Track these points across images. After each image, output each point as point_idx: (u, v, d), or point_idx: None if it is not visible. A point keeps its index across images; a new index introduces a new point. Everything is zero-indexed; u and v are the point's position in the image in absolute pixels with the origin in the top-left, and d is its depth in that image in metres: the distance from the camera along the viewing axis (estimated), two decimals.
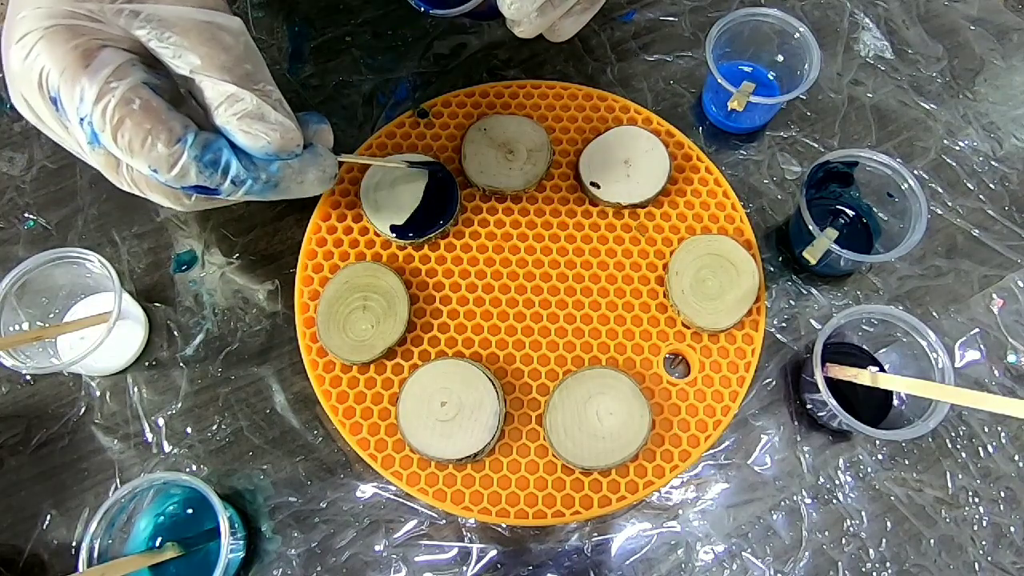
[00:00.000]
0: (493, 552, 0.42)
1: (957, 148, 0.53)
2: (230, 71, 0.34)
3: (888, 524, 0.42)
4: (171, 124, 0.33)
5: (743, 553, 0.42)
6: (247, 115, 0.34)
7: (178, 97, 0.35)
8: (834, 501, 0.43)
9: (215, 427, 0.44)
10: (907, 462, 0.44)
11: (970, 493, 0.43)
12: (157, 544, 0.40)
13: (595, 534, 0.42)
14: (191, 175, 0.34)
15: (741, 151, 0.52)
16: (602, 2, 0.43)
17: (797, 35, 0.49)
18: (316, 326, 0.44)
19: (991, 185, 0.51)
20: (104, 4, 0.32)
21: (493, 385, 0.42)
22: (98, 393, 0.45)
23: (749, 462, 0.44)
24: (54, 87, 0.32)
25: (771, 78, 0.52)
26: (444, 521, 0.42)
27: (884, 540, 0.42)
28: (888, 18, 0.57)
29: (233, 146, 0.35)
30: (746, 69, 0.53)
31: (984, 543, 0.42)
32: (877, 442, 0.44)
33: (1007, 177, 0.52)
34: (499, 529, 0.42)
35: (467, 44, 0.55)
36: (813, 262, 0.44)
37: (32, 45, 0.32)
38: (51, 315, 0.45)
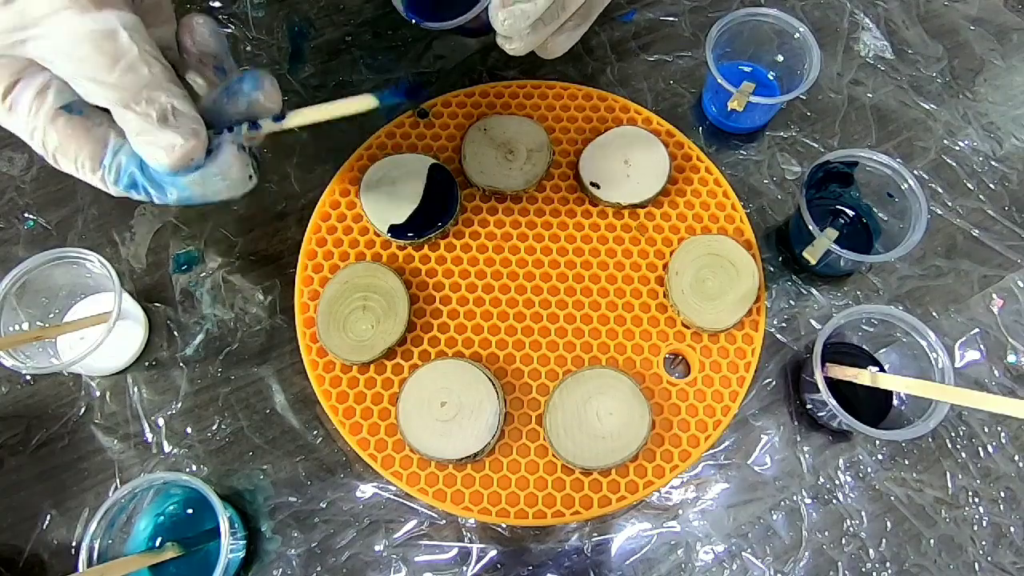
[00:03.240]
0: (493, 552, 0.42)
1: (957, 148, 0.53)
2: (116, 89, 0.31)
3: (888, 524, 0.42)
4: (91, 147, 0.33)
5: (743, 553, 0.42)
6: (141, 133, 0.33)
7: None
8: (834, 501, 0.43)
9: (215, 427, 0.44)
10: (907, 462, 0.44)
11: (970, 493, 0.43)
12: (157, 544, 0.40)
13: (595, 534, 0.42)
14: (123, 192, 0.35)
15: (741, 151, 0.52)
16: (593, 19, 0.42)
17: (797, 35, 0.49)
18: (316, 326, 0.44)
19: (991, 185, 0.51)
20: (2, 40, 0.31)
21: (493, 385, 0.42)
22: (98, 393, 0.45)
23: (749, 462, 0.44)
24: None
25: (771, 78, 0.52)
26: (444, 521, 0.42)
27: (884, 540, 0.42)
28: (888, 18, 0.57)
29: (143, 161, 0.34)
30: (746, 69, 0.53)
31: (984, 543, 0.42)
32: (877, 442, 0.44)
33: (1007, 177, 0.52)
34: (499, 529, 0.42)
35: (467, 44, 0.55)
36: (813, 262, 0.44)
37: None
38: (51, 315, 0.45)
